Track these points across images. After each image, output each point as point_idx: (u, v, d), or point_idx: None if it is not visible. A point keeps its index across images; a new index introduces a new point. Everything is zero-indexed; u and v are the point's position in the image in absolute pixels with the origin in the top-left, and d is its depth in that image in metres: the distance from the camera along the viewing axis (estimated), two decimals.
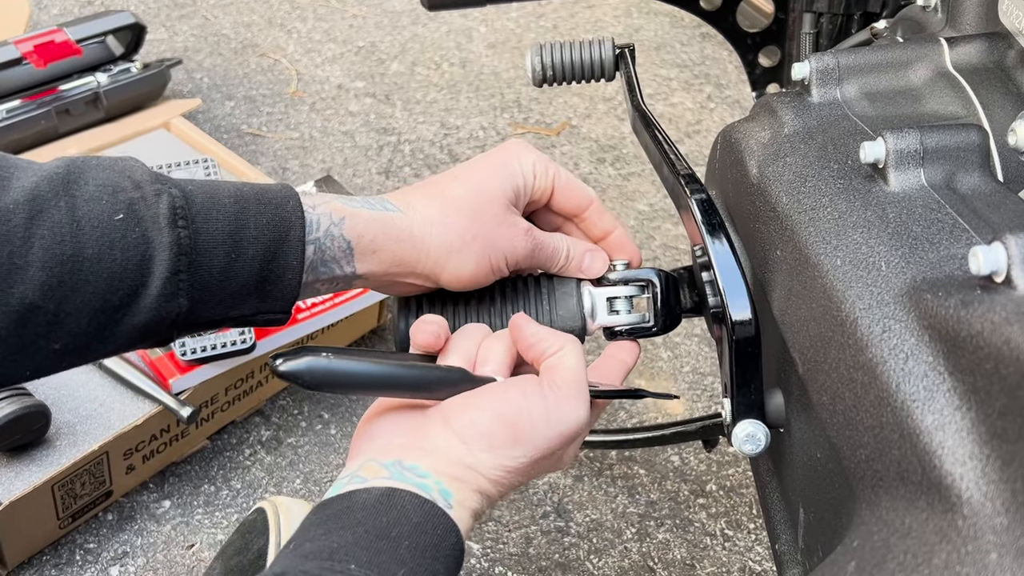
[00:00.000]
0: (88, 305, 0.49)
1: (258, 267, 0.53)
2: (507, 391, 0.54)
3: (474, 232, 0.58)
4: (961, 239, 0.47)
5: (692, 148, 1.68)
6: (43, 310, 0.47)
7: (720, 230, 0.58)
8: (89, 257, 0.48)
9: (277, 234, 0.53)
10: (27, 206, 0.47)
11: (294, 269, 0.54)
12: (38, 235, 0.47)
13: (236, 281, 0.53)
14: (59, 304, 0.48)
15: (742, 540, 1.05)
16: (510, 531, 1.04)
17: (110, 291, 0.49)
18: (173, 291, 0.51)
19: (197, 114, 1.66)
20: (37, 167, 0.49)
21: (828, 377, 0.49)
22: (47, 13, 1.93)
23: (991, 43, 0.61)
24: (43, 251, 0.47)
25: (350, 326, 1.20)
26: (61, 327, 0.49)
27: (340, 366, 0.53)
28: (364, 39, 1.94)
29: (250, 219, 0.53)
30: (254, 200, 0.54)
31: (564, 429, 0.54)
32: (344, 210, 0.56)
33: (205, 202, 0.52)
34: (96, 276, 0.48)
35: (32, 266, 0.47)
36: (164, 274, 0.50)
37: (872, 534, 0.44)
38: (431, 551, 0.47)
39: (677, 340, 1.29)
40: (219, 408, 1.09)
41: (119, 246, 0.49)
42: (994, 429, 0.38)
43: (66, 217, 0.48)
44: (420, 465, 0.51)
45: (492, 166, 0.61)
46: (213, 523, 1.03)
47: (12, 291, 0.46)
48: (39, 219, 0.47)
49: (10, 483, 0.92)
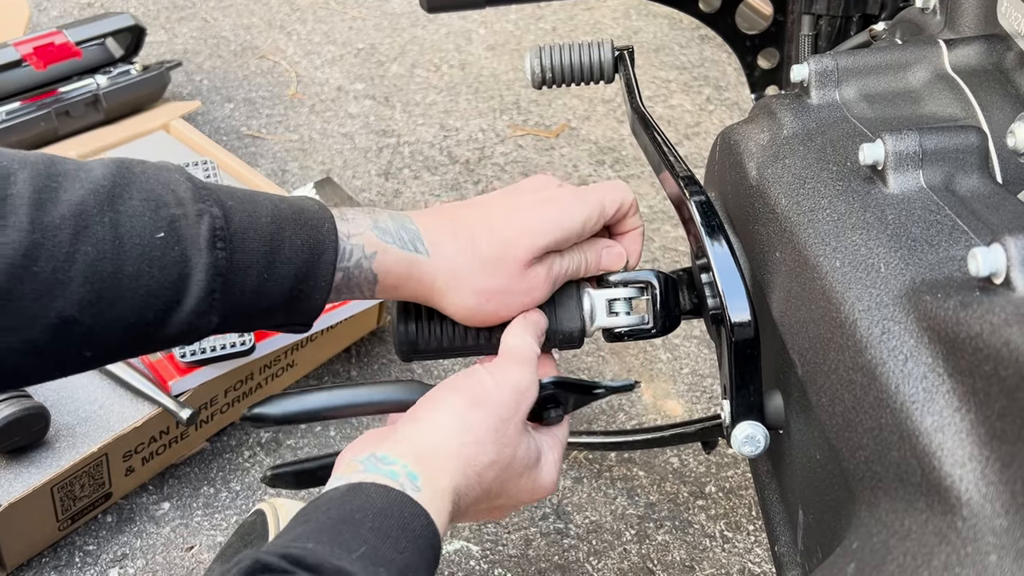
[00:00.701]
0: (123, 320, 0.50)
1: (288, 287, 0.55)
2: (459, 373, 0.59)
3: (489, 295, 0.60)
4: (960, 241, 0.47)
5: (691, 150, 1.68)
6: (80, 323, 0.48)
7: (719, 232, 0.58)
8: (128, 274, 0.49)
9: (310, 256, 0.55)
10: (73, 221, 0.47)
11: (322, 290, 0.56)
12: (81, 251, 0.47)
13: (267, 299, 0.54)
14: (95, 319, 0.49)
15: (741, 542, 1.05)
16: (509, 533, 1.04)
17: (145, 307, 0.50)
18: (207, 309, 0.52)
19: (197, 116, 1.66)
20: (85, 175, 0.49)
21: (827, 379, 0.49)
22: (47, 15, 1.93)
23: (990, 45, 0.62)
24: (85, 267, 0.48)
25: (349, 328, 1.20)
26: (95, 339, 0.50)
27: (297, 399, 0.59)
28: (363, 41, 1.94)
29: (285, 240, 0.54)
30: (291, 221, 0.55)
31: (512, 389, 0.57)
32: (376, 245, 0.58)
33: (243, 221, 0.53)
34: (133, 292, 0.49)
35: (74, 281, 0.47)
36: (199, 294, 0.51)
37: (871, 536, 0.44)
38: (396, 531, 0.48)
39: (676, 342, 1.29)
40: (218, 410, 1.09)
41: (158, 264, 0.50)
42: (993, 431, 0.38)
43: (109, 234, 0.48)
44: (389, 454, 0.53)
45: (537, 221, 0.61)
46: (212, 525, 1.03)
47: (52, 305, 0.47)
48: (84, 235, 0.48)
49: (9, 485, 0.92)
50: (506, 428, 0.56)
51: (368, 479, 0.51)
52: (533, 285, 0.61)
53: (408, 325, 0.63)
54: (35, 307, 0.47)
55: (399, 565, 0.47)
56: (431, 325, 0.64)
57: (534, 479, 0.59)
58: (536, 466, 0.59)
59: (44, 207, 0.47)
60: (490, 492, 0.56)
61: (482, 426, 0.55)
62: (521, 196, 0.63)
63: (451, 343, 0.64)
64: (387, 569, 0.46)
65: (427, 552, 0.49)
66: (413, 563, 0.48)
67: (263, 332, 1.07)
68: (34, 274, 0.46)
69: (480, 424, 0.55)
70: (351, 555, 0.46)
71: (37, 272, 0.46)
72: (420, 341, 0.64)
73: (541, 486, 0.59)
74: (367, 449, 0.54)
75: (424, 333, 0.64)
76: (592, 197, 0.63)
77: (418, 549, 0.49)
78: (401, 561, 0.47)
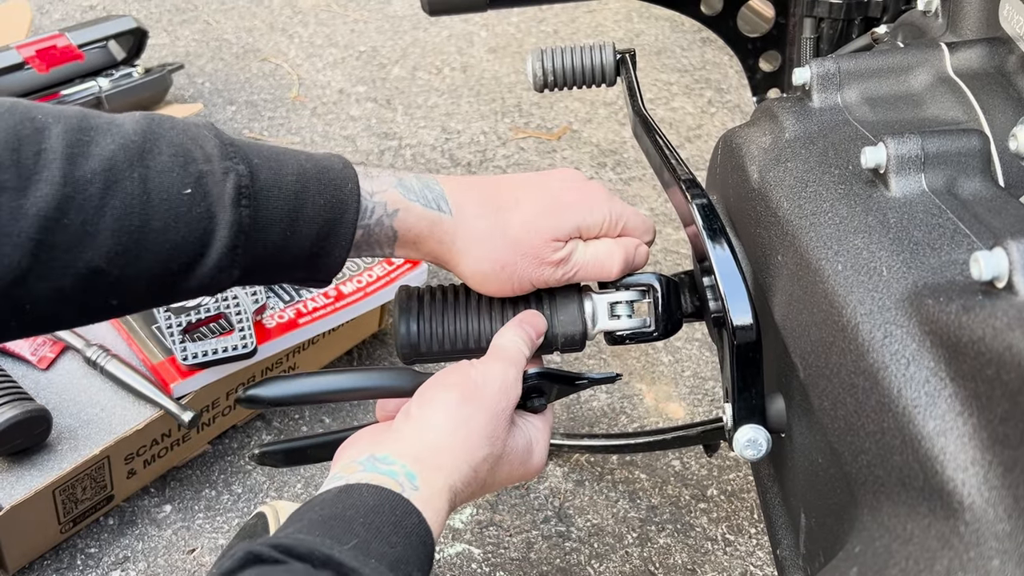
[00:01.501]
0: (149, 272, 0.51)
1: (309, 244, 0.56)
2: (448, 369, 0.60)
3: (504, 263, 0.61)
4: (962, 244, 0.47)
5: (693, 153, 1.68)
6: (107, 274, 0.50)
7: (721, 235, 0.58)
8: (155, 228, 0.50)
9: (333, 215, 0.56)
10: (103, 176, 0.49)
11: (343, 247, 0.57)
12: (110, 205, 0.49)
13: (287, 255, 0.56)
14: (122, 270, 0.50)
15: (743, 545, 1.05)
16: (511, 536, 1.04)
17: (170, 260, 0.51)
18: (229, 263, 0.53)
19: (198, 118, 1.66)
20: (117, 130, 0.51)
21: (829, 382, 0.49)
22: (49, 18, 1.94)
23: (992, 48, 0.62)
24: (114, 220, 0.49)
25: (351, 330, 1.20)
26: (122, 289, 0.51)
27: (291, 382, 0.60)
28: (365, 44, 1.94)
29: (309, 199, 0.55)
30: (315, 180, 0.56)
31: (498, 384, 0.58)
32: (399, 202, 0.59)
33: (269, 179, 0.54)
34: (159, 246, 0.51)
35: (102, 233, 0.49)
36: (222, 249, 0.52)
37: (874, 540, 0.44)
38: (387, 527, 0.49)
39: (678, 344, 1.29)
40: (220, 412, 1.09)
41: (184, 219, 0.51)
42: (996, 435, 0.38)
43: (138, 188, 0.50)
44: (389, 454, 0.54)
45: (562, 208, 0.62)
46: (214, 528, 1.03)
47: (81, 256, 0.49)
48: (113, 189, 0.49)
49: (11, 487, 0.92)
50: (497, 422, 0.57)
51: (366, 479, 0.52)
52: (551, 261, 0.61)
53: (410, 328, 0.63)
54: (65, 257, 0.48)
55: (391, 558, 0.48)
56: (433, 328, 0.64)
57: (525, 463, 0.61)
58: (527, 451, 0.61)
59: (76, 161, 0.48)
60: (484, 482, 0.58)
61: (474, 422, 0.56)
62: (551, 180, 0.65)
63: (453, 346, 0.64)
64: (378, 561, 0.47)
65: (419, 548, 0.50)
66: (405, 557, 0.49)
67: (265, 335, 1.07)
68: (64, 226, 0.48)
69: (472, 420, 0.56)
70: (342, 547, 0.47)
71: (67, 224, 0.48)
72: (422, 344, 0.64)
73: (531, 469, 0.61)
74: (365, 450, 0.55)
75: (426, 336, 0.64)
76: (620, 204, 0.64)
77: (410, 545, 0.50)
78: (392, 555, 0.48)
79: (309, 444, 0.65)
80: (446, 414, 0.56)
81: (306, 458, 0.66)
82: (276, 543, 0.45)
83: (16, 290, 0.48)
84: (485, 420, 0.57)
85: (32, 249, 0.47)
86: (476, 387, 0.58)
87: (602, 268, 0.64)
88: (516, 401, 0.59)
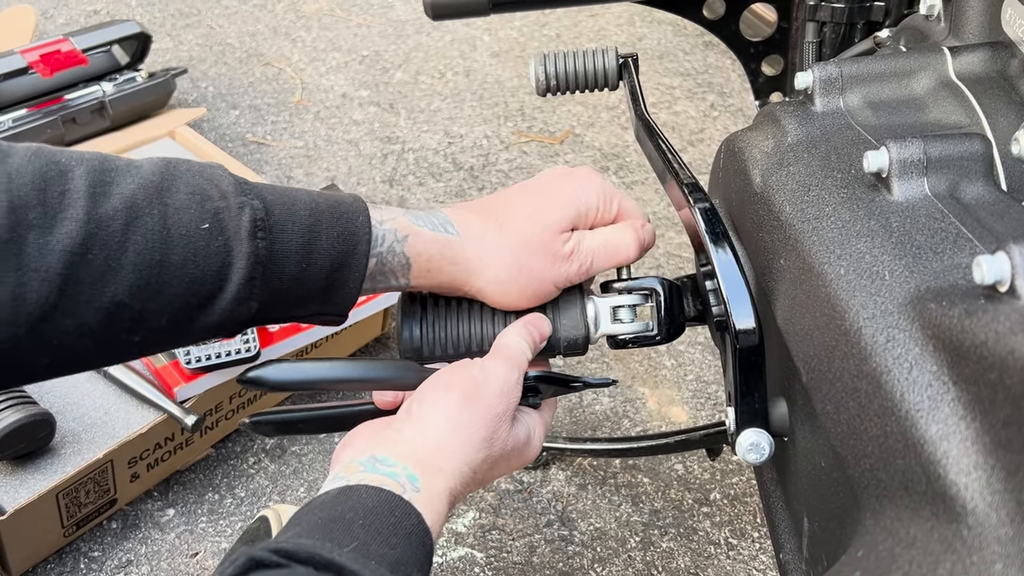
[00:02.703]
0: (170, 305, 0.53)
1: (324, 276, 0.57)
2: (451, 367, 0.60)
3: (520, 265, 0.61)
4: (965, 248, 0.47)
5: (696, 156, 1.68)
6: (130, 308, 0.52)
7: (724, 239, 0.58)
8: (175, 263, 0.52)
9: (346, 247, 0.58)
10: (125, 213, 0.51)
11: (356, 279, 0.58)
12: (132, 240, 0.51)
13: (303, 288, 0.57)
14: (144, 304, 0.52)
15: (746, 549, 1.05)
16: (514, 540, 1.04)
17: (190, 294, 0.53)
18: (247, 296, 0.55)
19: (202, 123, 1.67)
20: (136, 171, 0.53)
21: (832, 386, 0.49)
22: (53, 23, 1.94)
23: (994, 52, 0.62)
24: (136, 255, 0.51)
25: (354, 334, 1.20)
26: (143, 324, 0.53)
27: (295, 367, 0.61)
28: (368, 48, 1.95)
29: (322, 232, 0.57)
30: (327, 213, 0.58)
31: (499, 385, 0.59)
32: (408, 228, 0.60)
33: (283, 213, 0.56)
34: (179, 280, 0.52)
35: (124, 268, 0.51)
36: (240, 281, 0.54)
37: (877, 544, 0.44)
38: (387, 529, 0.50)
39: (681, 348, 1.29)
40: (223, 416, 1.09)
41: (203, 253, 0.53)
42: (999, 439, 0.38)
43: (158, 224, 0.52)
44: (390, 456, 0.55)
45: (555, 196, 0.64)
46: (217, 531, 1.03)
47: (105, 290, 0.50)
48: (134, 225, 0.51)
49: (15, 491, 0.93)
50: (498, 424, 0.58)
51: (367, 480, 0.52)
52: (564, 255, 0.62)
53: (413, 331, 0.64)
54: (89, 292, 0.50)
55: (390, 560, 0.48)
56: (436, 331, 0.64)
57: (522, 453, 0.61)
58: (526, 443, 0.61)
59: (98, 200, 0.51)
60: (482, 480, 0.59)
61: (475, 424, 0.57)
62: (539, 180, 0.66)
63: (455, 349, 0.64)
64: (378, 562, 0.47)
65: (419, 549, 0.50)
66: (405, 558, 0.49)
67: (268, 339, 1.07)
68: (89, 261, 0.50)
69: (473, 422, 0.57)
70: (342, 549, 0.47)
71: (92, 259, 0.50)
72: (424, 347, 0.64)
73: (527, 458, 0.62)
74: (366, 449, 0.56)
75: (428, 339, 0.64)
76: (609, 184, 0.65)
77: (410, 546, 0.50)
78: (392, 556, 0.48)
79: (300, 417, 0.66)
80: (447, 415, 0.57)
81: (296, 430, 0.68)
82: (277, 547, 0.46)
83: (44, 326, 0.49)
84: (485, 423, 0.57)
85: (59, 284, 0.49)
86: (478, 388, 0.58)
87: (617, 251, 0.64)
88: (516, 402, 0.60)
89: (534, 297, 0.63)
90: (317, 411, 0.66)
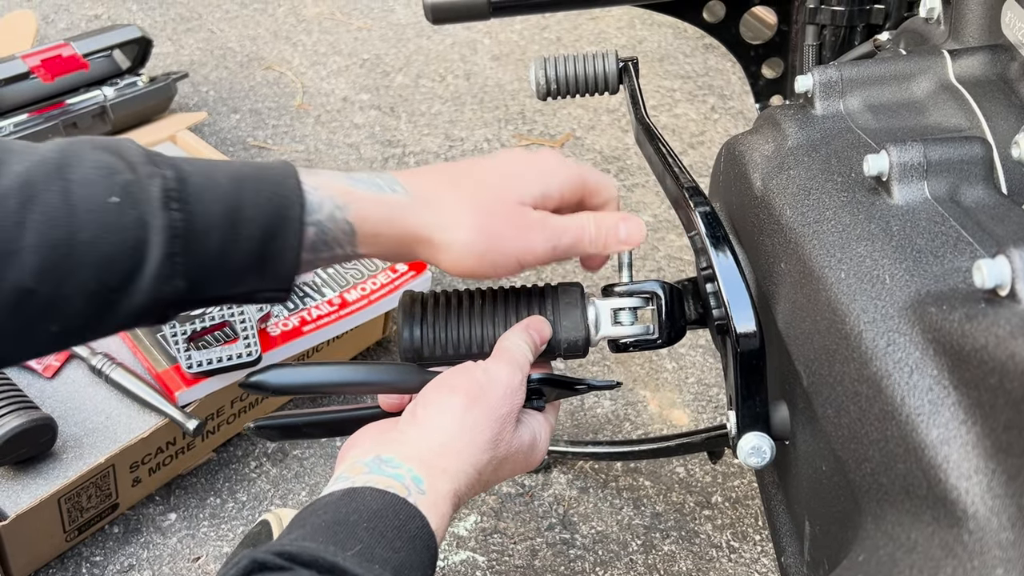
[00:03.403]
0: (84, 288, 0.49)
1: (256, 246, 0.53)
2: (454, 370, 0.59)
3: (481, 227, 0.56)
4: (965, 252, 0.47)
5: (696, 159, 1.68)
6: (38, 294, 0.48)
7: (724, 242, 0.58)
8: (84, 240, 0.48)
9: (276, 213, 0.53)
10: (19, 191, 0.47)
11: (293, 248, 0.54)
12: (31, 220, 0.47)
13: (234, 261, 0.53)
14: (54, 288, 0.48)
15: (748, 552, 1.05)
16: (516, 543, 1.04)
17: (106, 274, 0.49)
18: (169, 273, 0.51)
19: (203, 127, 1.67)
20: (31, 151, 0.49)
21: (833, 390, 0.49)
22: (54, 27, 1.95)
23: (994, 55, 0.62)
24: (37, 235, 0.47)
25: (355, 338, 1.20)
26: (57, 310, 0.49)
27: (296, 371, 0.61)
28: (369, 52, 1.95)
29: (247, 198, 0.52)
30: (252, 179, 0.53)
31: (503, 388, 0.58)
32: (348, 192, 0.55)
33: (200, 183, 0.52)
34: (91, 259, 0.48)
35: (25, 250, 0.47)
36: (159, 257, 0.50)
37: (878, 548, 0.44)
38: (391, 532, 0.49)
39: (682, 351, 1.29)
40: (225, 420, 1.09)
41: (114, 228, 0.49)
42: (999, 443, 0.38)
43: (60, 200, 0.48)
44: (395, 456, 0.54)
45: (521, 170, 0.60)
46: (219, 535, 1.03)
47: (5, 275, 0.47)
48: (32, 204, 0.47)
49: (17, 496, 0.93)
50: (502, 426, 0.58)
51: (372, 481, 0.52)
52: (530, 224, 0.58)
53: (413, 333, 0.64)
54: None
55: (394, 563, 0.48)
56: (436, 333, 0.64)
57: (528, 457, 0.61)
58: (531, 447, 0.61)
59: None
60: (487, 482, 0.59)
61: (479, 425, 0.56)
62: (499, 156, 0.61)
63: (456, 351, 0.64)
64: (382, 566, 0.47)
65: (423, 552, 0.50)
66: (409, 562, 0.49)
67: (269, 343, 1.07)
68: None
69: (478, 423, 0.56)
70: (346, 552, 0.47)
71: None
72: (425, 349, 0.64)
73: (533, 462, 0.62)
74: (371, 450, 0.55)
75: (429, 341, 0.64)
76: (575, 163, 0.61)
77: (414, 549, 0.50)
78: (396, 559, 0.48)
79: (304, 421, 0.66)
80: (451, 417, 0.56)
81: (301, 434, 0.67)
82: (280, 550, 0.46)
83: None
84: (490, 424, 0.57)
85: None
86: (482, 390, 0.58)
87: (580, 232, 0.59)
88: (520, 405, 0.60)
89: (493, 266, 0.58)
90: (321, 415, 0.66)
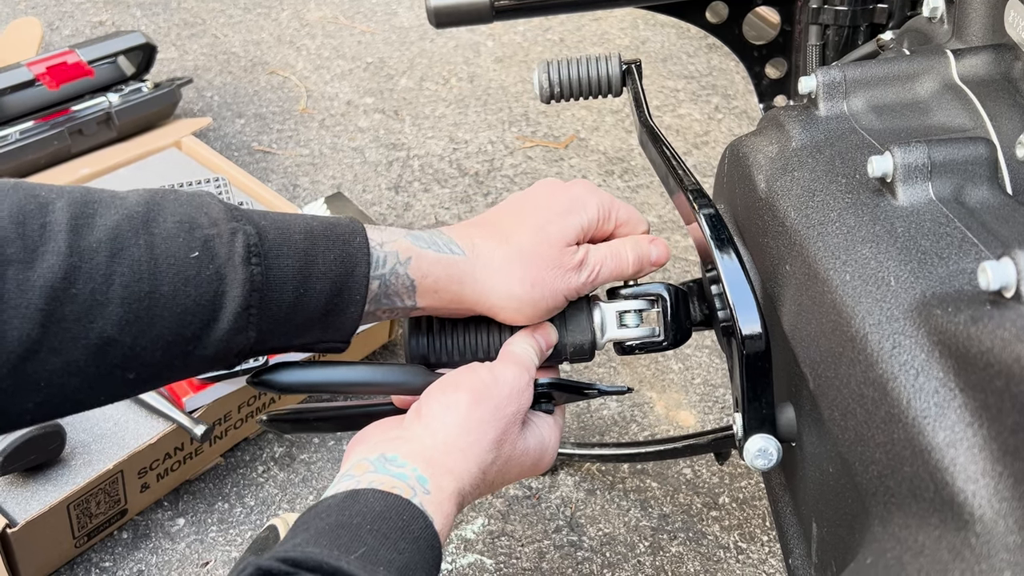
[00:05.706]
0: (162, 338, 0.51)
1: (324, 301, 0.56)
2: (460, 370, 0.60)
3: (532, 280, 0.60)
4: (970, 253, 0.47)
5: (700, 159, 1.68)
6: (120, 343, 0.50)
7: (729, 244, 0.58)
8: (165, 294, 0.50)
9: (344, 270, 0.56)
10: (109, 245, 0.49)
11: (357, 303, 0.57)
12: (118, 272, 0.49)
13: (302, 314, 0.55)
14: (135, 338, 0.50)
15: (755, 553, 1.04)
16: (523, 546, 1.04)
17: (183, 325, 0.51)
18: (243, 325, 0.53)
19: (208, 132, 1.67)
20: (119, 203, 0.52)
21: (839, 393, 0.49)
22: (59, 35, 1.95)
23: (998, 55, 0.61)
24: (122, 288, 0.49)
25: (362, 341, 1.21)
26: (136, 359, 0.51)
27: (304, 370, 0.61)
28: (373, 55, 1.95)
29: (319, 255, 0.55)
30: (323, 236, 0.56)
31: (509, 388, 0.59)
32: (411, 250, 0.59)
33: (277, 238, 0.54)
34: (171, 311, 0.51)
35: (112, 302, 0.49)
36: (236, 309, 0.52)
37: (885, 551, 0.44)
38: (395, 533, 0.49)
39: (688, 352, 1.29)
40: (232, 425, 1.09)
41: (193, 282, 0.51)
42: (1006, 446, 0.38)
43: (145, 255, 0.50)
44: (399, 455, 0.54)
45: (556, 210, 0.63)
46: (227, 540, 1.03)
47: (92, 325, 0.49)
48: (119, 257, 0.49)
49: (26, 503, 0.93)
50: (508, 426, 0.58)
51: (376, 481, 0.52)
52: (575, 265, 0.61)
53: (420, 338, 0.64)
54: (75, 328, 0.48)
55: (398, 565, 0.48)
56: (442, 338, 0.64)
57: (536, 462, 0.61)
58: (539, 450, 0.61)
59: (81, 232, 0.49)
60: (493, 483, 0.58)
61: (484, 424, 0.57)
62: (537, 196, 0.65)
63: (462, 357, 0.64)
64: (387, 568, 0.47)
65: (427, 553, 0.50)
66: (413, 563, 0.49)
67: None
68: (73, 296, 0.48)
69: (483, 422, 0.57)
70: (350, 556, 0.47)
71: (76, 294, 0.48)
72: (431, 354, 0.64)
73: (541, 467, 0.62)
74: (376, 448, 0.56)
75: (435, 346, 0.64)
76: (606, 195, 0.65)
77: (418, 550, 0.50)
78: (400, 561, 0.48)
79: (316, 415, 0.67)
80: (457, 416, 0.56)
81: (312, 428, 0.69)
82: (284, 556, 0.46)
83: (28, 365, 0.47)
84: (495, 423, 0.57)
85: (41, 320, 0.47)
86: (487, 389, 0.58)
87: (619, 262, 0.63)
88: (527, 406, 0.60)
89: (547, 311, 0.62)
90: (333, 409, 0.66)
